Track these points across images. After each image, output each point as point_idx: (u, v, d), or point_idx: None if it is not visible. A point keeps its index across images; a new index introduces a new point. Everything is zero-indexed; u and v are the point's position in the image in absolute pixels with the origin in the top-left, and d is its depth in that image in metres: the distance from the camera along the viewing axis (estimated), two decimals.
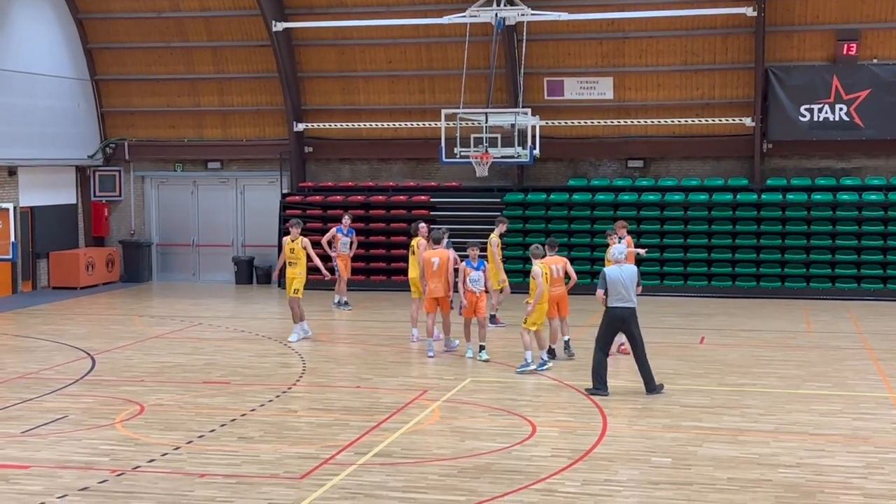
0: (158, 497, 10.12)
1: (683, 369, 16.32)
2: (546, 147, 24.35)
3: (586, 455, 11.51)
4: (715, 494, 10.16)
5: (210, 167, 29.00)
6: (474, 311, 17.00)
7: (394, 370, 16.43)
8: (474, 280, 16.93)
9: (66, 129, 27.99)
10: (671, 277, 25.49)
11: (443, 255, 17.43)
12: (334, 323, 21.63)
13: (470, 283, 16.93)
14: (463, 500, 9.98)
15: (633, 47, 26.10)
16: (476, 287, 16.93)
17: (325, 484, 10.45)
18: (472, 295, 16.96)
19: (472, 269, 16.98)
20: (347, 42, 27.34)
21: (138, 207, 29.50)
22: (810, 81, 25.00)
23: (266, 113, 28.34)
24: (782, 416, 13.31)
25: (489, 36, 24.49)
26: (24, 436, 12.45)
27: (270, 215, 27.98)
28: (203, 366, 16.77)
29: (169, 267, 29.56)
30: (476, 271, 16.97)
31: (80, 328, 20.80)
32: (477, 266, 17.00)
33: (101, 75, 28.80)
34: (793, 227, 25.15)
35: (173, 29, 27.89)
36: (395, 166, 28.16)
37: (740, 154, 26.15)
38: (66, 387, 15.17)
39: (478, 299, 16.96)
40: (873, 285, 24.55)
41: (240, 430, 12.68)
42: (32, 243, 26.82)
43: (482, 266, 17.07)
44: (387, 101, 27.62)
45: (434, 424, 12.95)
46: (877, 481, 10.60)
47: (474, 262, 17.01)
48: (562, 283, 16.87)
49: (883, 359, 17.18)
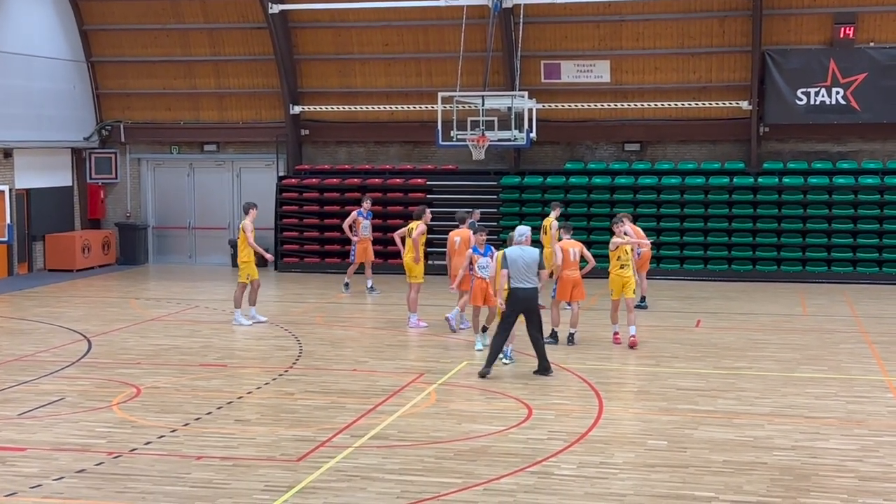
0: (155, 479, 10.14)
1: (679, 352, 16.35)
2: (543, 130, 24.34)
3: (582, 438, 11.54)
4: (710, 477, 10.19)
5: (206, 150, 28.96)
6: (484, 298, 16.29)
7: (390, 353, 16.45)
8: (482, 266, 16.15)
9: (62, 111, 27.92)
10: (667, 261, 25.51)
11: (464, 234, 17.35)
12: (331, 306, 21.63)
13: (478, 269, 16.18)
14: (459, 482, 10.01)
15: (630, 30, 26.05)
16: (485, 273, 16.09)
17: (322, 466, 10.48)
18: (483, 281, 16.18)
19: (479, 255, 16.30)
20: (344, 24, 27.27)
21: (134, 190, 29.46)
22: (807, 65, 24.98)
23: (262, 95, 28.28)
24: (777, 399, 13.35)
25: (486, 18, 24.44)
26: (20, 418, 12.46)
27: (267, 198, 27.91)
28: (199, 348, 16.78)
29: (165, 249, 29.54)
30: (483, 257, 16.20)
31: (76, 311, 20.79)
32: (484, 252, 16.27)
33: (97, 57, 28.71)
34: (789, 210, 25.16)
35: (169, 11, 27.80)
36: (392, 149, 28.13)
37: (737, 137, 26.14)
38: (63, 369, 15.18)
39: (487, 286, 16.15)
40: (869, 269, 24.58)
41: (236, 412, 12.70)
42: (28, 225, 26.78)
43: (489, 251, 16.26)
44: (383, 83, 27.56)
45: (430, 407, 12.97)
46: (871, 464, 10.64)
47: (481, 247, 16.34)
48: (577, 266, 16.89)
49: (878, 342, 17.22)
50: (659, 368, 15.21)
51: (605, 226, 24.35)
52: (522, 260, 14.29)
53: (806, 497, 9.64)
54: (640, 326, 17.23)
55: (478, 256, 16.29)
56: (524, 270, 14.25)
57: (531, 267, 14.29)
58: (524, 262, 14.28)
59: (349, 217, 22.78)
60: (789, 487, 9.89)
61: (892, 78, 24.63)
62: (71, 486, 9.96)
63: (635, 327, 16.63)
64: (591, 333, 17.56)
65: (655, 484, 10.00)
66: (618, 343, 16.62)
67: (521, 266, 14.25)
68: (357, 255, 22.59)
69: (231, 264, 28.16)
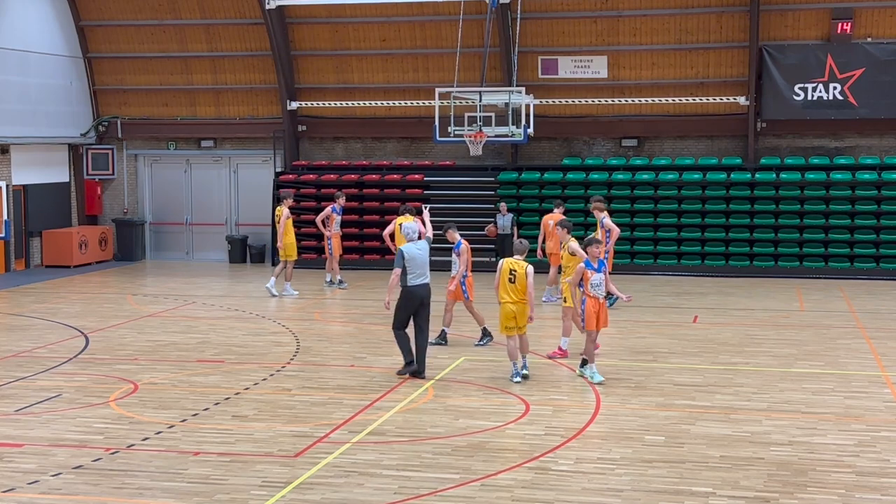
0: (153, 475, 10.14)
1: (677, 348, 16.36)
2: (540, 126, 24.32)
3: (580, 433, 11.55)
4: (707, 472, 10.20)
5: (203, 146, 28.94)
6: (597, 321, 14.09)
7: (388, 349, 16.41)
8: (595, 284, 14.02)
9: (59, 106, 27.89)
10: (664, 256, 25.51)
11: (556, 218, 17.40)
12: (328, 302, 21.64)
13: (591, 287, 14.02)
14: (457, 478, 10.02)
15: (627, 26, 26.04)
16: (598, 293, 14.06)
17: (319, 462, 10.48)
18: (596, 302, 14.04)
19: (593, 270, 14.08)
20: (341, 20, 27.24)
21: (131, 186, 29.43)
22: (804, 60, 24.97)
23: (259, 91, 28.26)
24: (775, 394, 13.36)
25: (483, 14, 24.42)
26: (17, 414, 12.46)
27: (264, 194, 27.95)
28: (197, 344, 16.78)
29: (162, 246, 29.52)
30: (598, 273, 14.05)
31: (74, 307, 20.78)
32: (598, 267, 14.10)
33: (94, 53, 28.67)
34: (786, 206, 25.17)
35: (166, 6, 27.76)
36: (389, 145, 28.11)
37: (734, 133, 26.15)
38: (60, 365, 15.17)
39: (600, 307, 14.13)
40: (866, 264, 24.60)
41: (234, 408, 12.70)
42: (25, 221, 26.76)
43: (602, 266, 14.21)
44: (380, 79, 27.54)
45: (428, 403, 12.98)
46: (868, 459, 10.65)
47: (594, 262, 14.09)
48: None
49: (875, 337, 17.23)
50: (656, 364, 15.21)
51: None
52: (419, 256, 14.25)
53: (803, 492, 9.65)
54: (638, 322, 17.24)
55: (591, 272, 14.06)
56: (421, 266, 14.21)
57: (427, 263, 14.32)
58: (422, 259, 14.25)
59: (322, 212, 22.97)
60: (787, 483, 9.91)
61: (890, 73, 24.63)
62: (68, 482, 9.96)
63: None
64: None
65: (653, 479, 10.01)
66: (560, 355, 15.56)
67: (420, 262, 14.21)
68: (335, 248, 22.75)
69: (228, 260, 28.28)
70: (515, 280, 13.83)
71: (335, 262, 22.96)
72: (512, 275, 13.87)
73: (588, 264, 14.11)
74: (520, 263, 13.92)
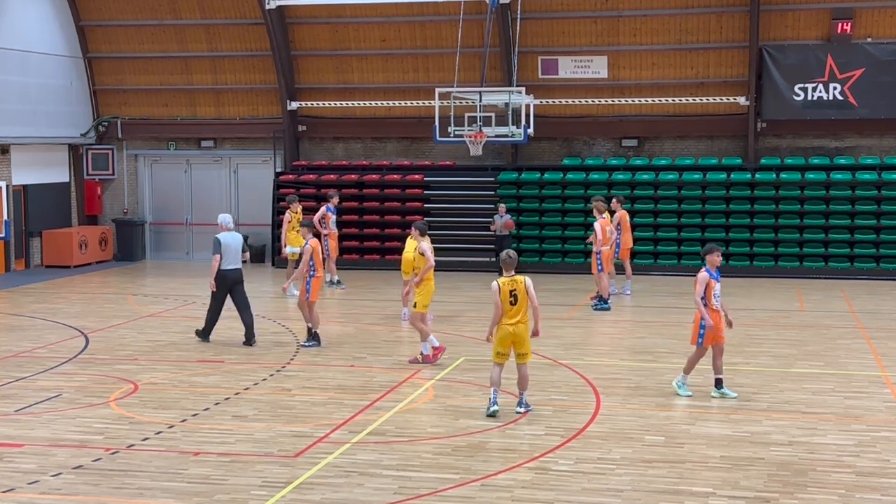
0: (152, 475, 10.14)
1: (677, 348, 16.34)
2: (540, 126, 24.31)
3: (580, 433, 11.55)
4: (707, 472, 10.20)
5: (203, 146, 28.93)
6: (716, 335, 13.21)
7: (387, 349, 16.44)
8: (717, 295, 13.19)
9: (59, 107, 27.89)
10: (665, 256, 25.51)
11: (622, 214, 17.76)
12: (328, 302, 21.62)
13: (714, 298, 13.14)
14: (457, 478, 10.01)
15: (627, 26, 26.04)
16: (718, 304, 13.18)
17: (320, 462, 10.48)
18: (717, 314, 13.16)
19: (716, 280, 13.23)
20: (341, 20, 27.24)
21: (131, 186, 29.43)
22: (804, 60, 24.97)
23: (259, 91, 28.26)
24: (775, 394, 13.36)
25: (483, 14, 24.41)
26: (17, 414, 12.46)
27: (264, 194, 27.94)
28: (197, 344, 16.77)
29: (162, 246, 29.52)
30: (718, 282, 13.22)
31: (74, 307, 20.78)
32: (716, 275, 13.21)
33: (94, 53, 28.67)
34: (786, 206, 25.16)
35: (166, 6, 27.76)
36: (389, 145, 28.11)
37: (734, 133, 26.14)
38: (60, 365, 15.17)
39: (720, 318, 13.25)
40: (866, 265, 24.59)
41: (234, 408, 12.70)
42: (25, 222, 26.75)
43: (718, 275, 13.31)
44: (380, 79, 27.54)
45: (428, 403, 12.98)
46: (868, 459, 10.65)
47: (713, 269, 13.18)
48: None
49: (875, 338, 17.23)
50: (656, 364, 15.21)
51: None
52: (233, 244, 16.47)
53: (803, 492, 9.65)
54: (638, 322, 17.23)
55: (715, 282, 13.17)
56: (234, 254, 16.47)
57: (239, 251, 16.57)
58: (235, 247, 16.50)
59: (318, 213, 22.95)
60: (787, 483, 9.90)
61: (890, 73, 24.63)
62: (68, 483, 9.96)
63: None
64: (588, 330, 17.56)
65: (653, 479, 10.01)
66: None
67: (234, 250, 16.47)
68: (331, 248, 22.74)
69: None
70: (518, 301, 12.33)
71: (332, 262, 22.96)
72: (513, 297, 12.32)
73: (709, 272, 13.04)
74: (516, 280, 12.37)
